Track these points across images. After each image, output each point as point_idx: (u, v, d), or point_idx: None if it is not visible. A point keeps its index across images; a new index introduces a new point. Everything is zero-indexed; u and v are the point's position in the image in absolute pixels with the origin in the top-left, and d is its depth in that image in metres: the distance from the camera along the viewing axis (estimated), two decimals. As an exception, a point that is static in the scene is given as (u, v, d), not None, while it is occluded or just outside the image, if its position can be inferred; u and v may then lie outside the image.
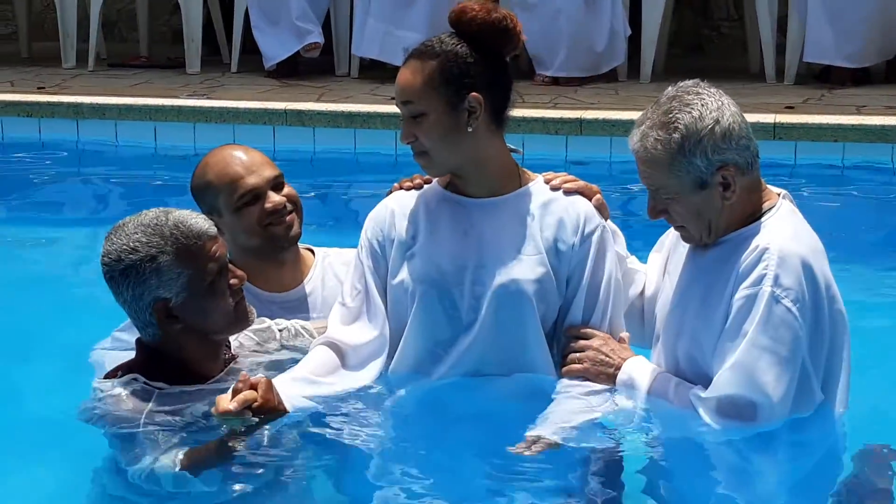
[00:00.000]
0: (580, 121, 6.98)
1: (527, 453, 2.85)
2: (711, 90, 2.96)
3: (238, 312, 3.01)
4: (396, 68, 3.14)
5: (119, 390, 2.94)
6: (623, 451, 2.99)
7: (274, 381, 2.94)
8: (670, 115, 2.92)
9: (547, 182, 3.14)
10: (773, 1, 8.15)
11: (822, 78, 8.16)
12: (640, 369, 3.06)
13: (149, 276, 2.89)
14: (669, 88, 2.99)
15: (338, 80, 8.59)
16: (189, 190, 3.44)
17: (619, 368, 3.06)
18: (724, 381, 2.90)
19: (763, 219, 2.97)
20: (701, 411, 2.92)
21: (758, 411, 2.88)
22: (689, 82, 2.98)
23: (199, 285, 2.93)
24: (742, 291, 2.90)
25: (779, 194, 3.04)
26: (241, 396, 2.82)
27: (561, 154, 6.88)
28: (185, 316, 2.94)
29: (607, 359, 3.07)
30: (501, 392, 3.08)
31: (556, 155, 6.77)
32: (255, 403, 2.83)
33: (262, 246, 3.37)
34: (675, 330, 3.04)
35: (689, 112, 2.91)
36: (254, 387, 2.84)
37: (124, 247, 2.90)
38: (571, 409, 2.99)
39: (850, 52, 7.92)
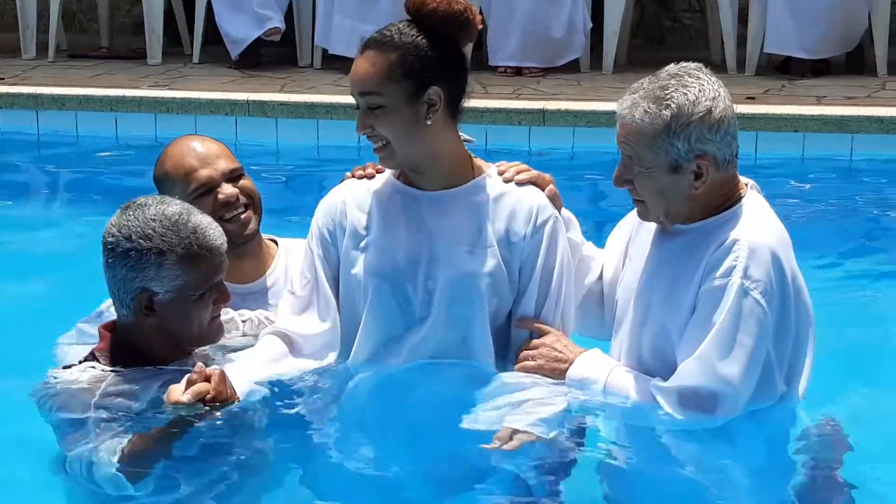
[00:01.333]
0: (543, 111, 6.97)
1: (505, 447, 2.82)
2: (712, 78, 2.93)
3: (211, 327, 3.01)
4: (360, 61, 3.12)
5: (74, 375, 2.93)
6: (582, 442, 2.98)
7: (226, 368, 2.92)
8: (666, 92, 2.88)
9: (500, 173, 3.13)
10: (734, -8, 8.20)
11: (783, 69, 8.19)
12: (594, 364, 3.04)
13: (149, 266, 2.88)
14: (672, 66, 2.94)
15: (301, 71, 8.54)
16: (150, 181, 3.40)
17: (572, 364, 3.04)
18: (688, 372, 2.89)
19: (732, 209, 2.96)
20: (661, 401, 2.91)
21: (719, 403, 2.88)
22: (692, 65, 2.94)
23: (189, 293, 2.93)
24: (711, 282, 2.88)
25: (746, 184, 3.03)
26: (194, 388, 2.80)
27: (524, 145, 6.88)
28: (163, 313, 2.93)
29: (560, 355, 3.05)
30: (453, 378, 3.06)
31: (520, 146, 6.77)
32: (209, 395, 2.82)
33: None
34: (640, 318, 3.03)
35: (685, 94, 2.87)
36: (208, 378, 2.82)
37: (138, 229, 2.88)
38: (537, 400, 2.97)
39: (810, 44, 7.96)
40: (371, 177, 3.18)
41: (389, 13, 8.00)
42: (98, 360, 2.98)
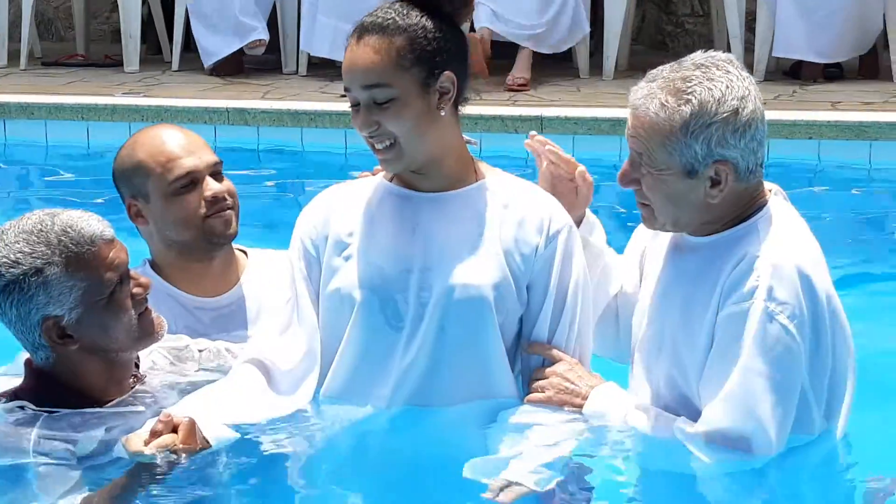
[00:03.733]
0: (541, 118, 6.68)
1: (499, 499, 2.46)
2: (743, 73, 2.56)
3: (143, 326, 2.64)
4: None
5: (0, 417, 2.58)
6: (595, 486, 2.63)
7: (193, 408, 2.56)
8: (688, 84, 2.51)
9: (531, 136, 2.85)
10: (740, -6, 7.89)
11: (793, 74, 7.88)
12: (609, 398, 2.68)
13: (35, 291, 2.53)
14: (698, 53, 2.58)
15: (285, 78, 8.21)
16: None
17: (585, 398, 2.68)
18: (716, 415, 2.52)
19: (751, 219, 2.58)
20: (689, 446, 2.55)
21: (753, 444, 2.51)
22: (722, 55, 2.57)
23: (95, 298, 2.56)
24: (730, 307, 2.51)
25: (770, 190, 2.64)
26: (159, 441, 2.45)
27: (521, 153, 6.53)
28: (81, 335, 2.57)
29: (573, 387, 2.68)
30: (449, 420, 2.71)
31: (516, 154, 6.43)
32: (175, 447, 2.46)
33: (193, 242, 3.01)
34: (654, 346, 2.67)
35: (710, 89, 2.50)
36: (175, 429, 2.47)
37: (4, 259, 2.53)
38: (540, 443, 2.61)
39: (822, 47, 7.63)
40: None
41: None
42: (24, 400, 2.62)
